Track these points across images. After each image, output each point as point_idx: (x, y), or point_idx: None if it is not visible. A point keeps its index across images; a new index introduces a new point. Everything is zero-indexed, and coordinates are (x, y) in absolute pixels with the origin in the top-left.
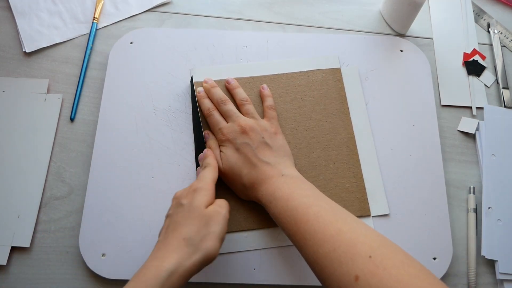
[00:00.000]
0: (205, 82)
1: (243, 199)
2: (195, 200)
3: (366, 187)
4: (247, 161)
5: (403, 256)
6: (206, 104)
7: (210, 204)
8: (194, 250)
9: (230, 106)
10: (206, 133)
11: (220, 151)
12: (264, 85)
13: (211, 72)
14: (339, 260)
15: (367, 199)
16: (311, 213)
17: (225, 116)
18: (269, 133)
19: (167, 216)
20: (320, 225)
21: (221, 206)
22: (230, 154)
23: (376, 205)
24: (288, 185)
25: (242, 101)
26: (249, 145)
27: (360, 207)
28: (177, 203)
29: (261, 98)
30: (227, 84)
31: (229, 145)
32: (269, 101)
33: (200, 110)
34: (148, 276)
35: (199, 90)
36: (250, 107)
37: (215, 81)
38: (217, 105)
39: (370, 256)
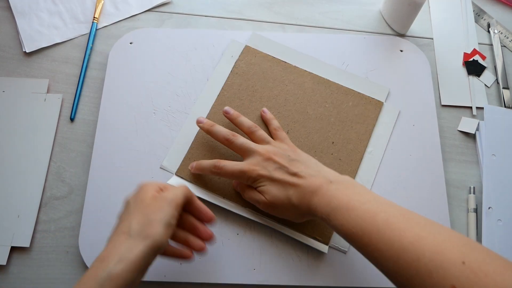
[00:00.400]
0: (200, 122)
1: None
2: (139, 195)
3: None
4: (286, 184)
5: (502, 260)
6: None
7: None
8: (136, 241)
9: (241, 139)
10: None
11: (258, 191)
12: (265, 109)
13: (268, 44)
14: (427, 269)
15: None
16: (379, 221)
17: (240, 151)
18: (291, 151)
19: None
20: (394, 233)
21: (169, 190)
22: (267, 188)
23: None
24: (341, 192)
25: (250, 128)
26: (280, 168)
27: None
28: (125, 202)
29: (265, 122)
30: (226, 114)
31: (261, 179)
32: (274, 124)
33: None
34: (85, 280)
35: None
36: (261, 132)
37: (265, 54)
38: (226, 142)
39: (463, 262)
